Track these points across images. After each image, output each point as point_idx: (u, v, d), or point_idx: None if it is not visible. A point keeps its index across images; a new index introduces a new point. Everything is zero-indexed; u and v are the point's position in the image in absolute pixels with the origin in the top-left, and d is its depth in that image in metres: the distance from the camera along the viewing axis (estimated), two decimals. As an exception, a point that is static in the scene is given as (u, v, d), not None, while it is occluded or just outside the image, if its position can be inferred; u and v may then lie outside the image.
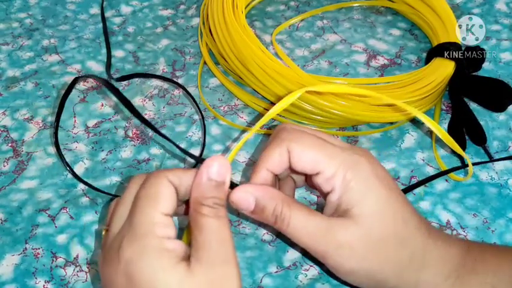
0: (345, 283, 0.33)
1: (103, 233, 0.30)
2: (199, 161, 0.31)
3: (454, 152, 0.42)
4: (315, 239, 0.29)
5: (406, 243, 0.29)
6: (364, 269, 0.29)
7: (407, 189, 0.39)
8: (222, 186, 0.28)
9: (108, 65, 0.49)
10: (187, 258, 0.26)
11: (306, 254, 0.36)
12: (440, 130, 0.31)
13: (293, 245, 0.37)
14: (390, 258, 0.29)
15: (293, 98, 0.30)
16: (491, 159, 0.41)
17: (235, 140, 0.43)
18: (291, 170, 0.31)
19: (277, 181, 0.33)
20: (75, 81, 0.33)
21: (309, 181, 0.34)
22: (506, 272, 0.30)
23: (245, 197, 0.29)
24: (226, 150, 0.43)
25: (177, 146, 0.31)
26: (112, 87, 0.31)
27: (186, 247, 0.27)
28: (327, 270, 0.35)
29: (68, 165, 0.39)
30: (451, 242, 0.30)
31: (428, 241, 0.29)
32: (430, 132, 0.44)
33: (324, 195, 0.31)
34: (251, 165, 0.41)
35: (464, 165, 0.41)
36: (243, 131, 0.44)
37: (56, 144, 0.36)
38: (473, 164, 0.41)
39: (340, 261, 0.29)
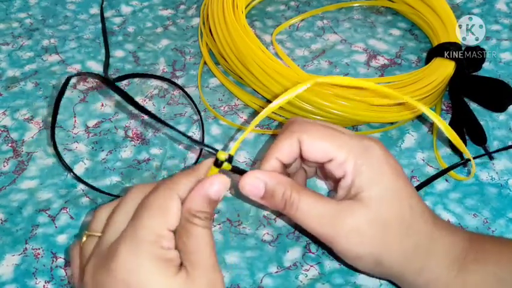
0: (351, 268, 0.34)
1: (84, 238, 0.30)
2: (203, 147, 0.30)
3: (454, 152, 0.42)
4: (323, 224, 0.29)
5: (412, 230, 0.30)
6: (370, 254, 0.30)
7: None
8: (215, 203, 0.29)
9: (106, 65, 0.49)
10: (184, 267, 0.27)
11: (314, 239, 0.36)
12: (444, 124, 0.31)
13: (301, 231, 0.37)
14: (396, 243, 0.29)
15: (301, 89, 0.28)
16: (490, 153, 0.41)
17: (232, 138, 0.43)
18: (303, 159, 0.32)
19: (287, 173, 0.34)
20: (69, 79, 0.32)
21: (322, 171, 0.35)
22: (508, 261, 0.30)
23: (255, 183, 0.30)
24: (225, 149, 0.43)
25: (183, 134, 0.30)
26: (111, 83, 0.30)
27: (179, 254, 0.28)
28: (336, 257, 0.35)
29: (68, 167, 0.38)
30: (455, 232, 0.31)
31: (434, 230, 0.30)
32: (431, 132, 0.44)
33: (336, 181, 0.31)
34: (251, 166, 0.41)
35: (463, 160, 0.41)
36: (239, 130, 0.44)
37: (54, 146, 0.36)
38: (473, 157, 0.41)
39: (348, 247, 0.30)
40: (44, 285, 0.35)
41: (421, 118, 0.45)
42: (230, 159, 0.29)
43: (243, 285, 0.35)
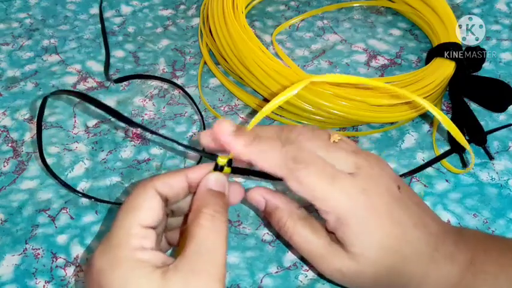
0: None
1: None
2: (202, 154, 0.31)
3: (454, 151, 0.42)
4: (312, 257, 0.30)
5: (401, 274, 0.29)
6: None
7: (406, 174, 0.40)
8: (221, 195, 0.28)
9: (107, 66, 0.48)
10: (165, 267, 0.26)
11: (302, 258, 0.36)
12: (443, 116, 0.31)
13: (290, 247, 0.37)
14: (383, 286, 0.30)
15: (299, 88, 0.29)
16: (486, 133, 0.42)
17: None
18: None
19: None
20: (46, 99, 0.31)
21: None
22: (506, 280, 0.30)
23: (258, 199, 0.32)
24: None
25: (177, 142, 0.30)
26: (92, 100, 0.28)
27: (166, 257, 0.26)
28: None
29: (65, 182, 0.38)
30: (454, 258, 0.30)
31: (429, 265, 0.29)
32: (431, 133, 0.44)
33: None
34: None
35: (459, 153, 0.41)
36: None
37: (46, 167, 0.34)
38: (468, 140, 0.42)
39: (335, 280, 0.31)
40: (44, 286, 0.35)
41: (421, 118, 0.45)
42: (230, 162, 0.30)
43: (243, 285, 0.35)
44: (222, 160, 0.29)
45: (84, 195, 0.39)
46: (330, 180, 0.28)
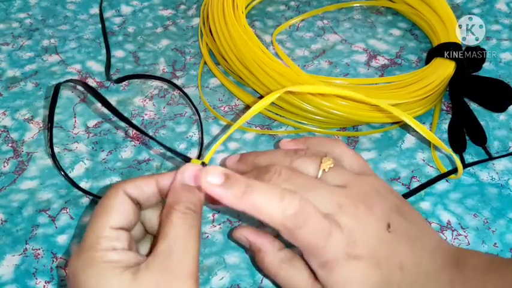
0: None
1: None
2: (175, 156, 0.31)
3: (454, 151, 0.42)
4: None
5: None
6: None
7: (408, 194, 0.39)
8: (196, 191, 0.28)
9: (108, 66, 0.48)
10: (137, 267, 0.25)
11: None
12: (422, 128, 0.31)
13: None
14: None
15: (272, 98, 0.29)
16: (491, 158, 0.41)
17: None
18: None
19: None
20: (58, 87, 0.32)
21: None
22: None
23: (242, 239, 0.33)
24: (226, 149, 0.43)
25: (169, 149, 0.31)
26: (96, 92, 0.29)
27: (140, 257, 0.26)
28: None
29: (65, 173, 0.38)
30: None
31: None
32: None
33: None
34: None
35: (465, 164, 0.41)
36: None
37: (53, 155, 0.35)
38: (473, 163, 0.41)
39: None
40: (44, 286, 0.35)
41: (422, 118, 0.45)
42: (204, 166, 0.29)
43: (243, 286, 0.35)
44: (195, 163, 0.29)
45: (86, 192, 0.39)
46: (324, 238, 0.28)
